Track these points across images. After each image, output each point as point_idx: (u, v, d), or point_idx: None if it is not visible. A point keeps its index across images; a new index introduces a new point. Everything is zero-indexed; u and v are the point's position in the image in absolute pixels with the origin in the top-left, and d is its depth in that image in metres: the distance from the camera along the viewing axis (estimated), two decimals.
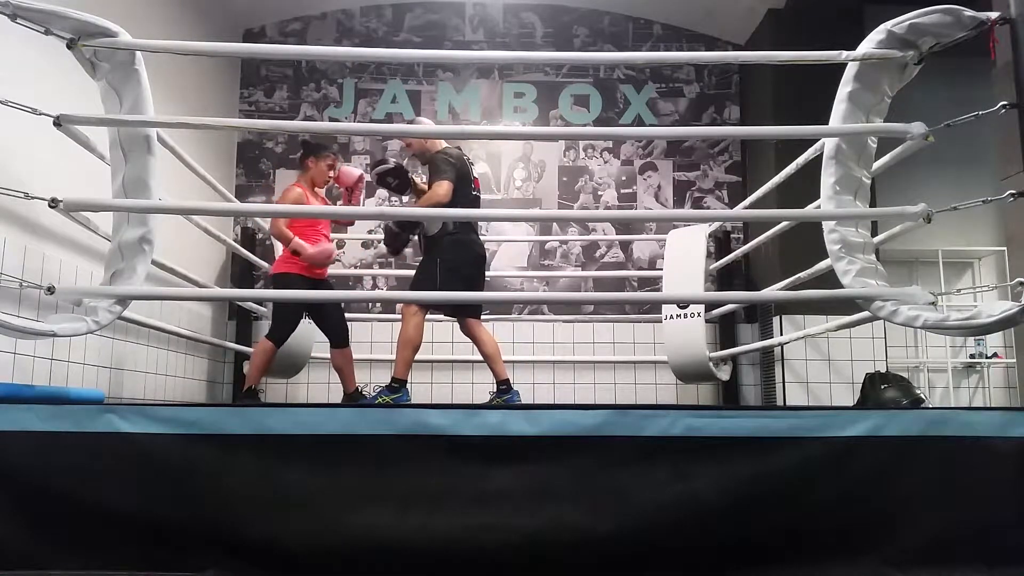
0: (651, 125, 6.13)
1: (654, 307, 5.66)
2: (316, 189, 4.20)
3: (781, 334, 5.02)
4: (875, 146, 2.78)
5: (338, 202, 4.96)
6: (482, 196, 4.25)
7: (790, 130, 3.47)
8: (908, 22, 2.55)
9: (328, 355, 4.29)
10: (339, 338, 4.20)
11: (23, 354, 3.23)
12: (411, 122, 5.04)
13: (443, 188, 3.71)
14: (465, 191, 3.84)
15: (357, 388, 4.25)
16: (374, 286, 5.90)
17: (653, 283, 5.81)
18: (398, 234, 3.90)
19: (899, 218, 2.84)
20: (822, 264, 3.24)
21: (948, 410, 2.24)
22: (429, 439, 2.15)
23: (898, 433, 2.17)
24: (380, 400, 3.68)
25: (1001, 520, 2.13)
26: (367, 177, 4.34)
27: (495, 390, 3.88)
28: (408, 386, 3.78)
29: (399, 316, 4.83)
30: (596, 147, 6.16)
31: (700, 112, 6.20)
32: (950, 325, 2.43)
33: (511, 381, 3.88)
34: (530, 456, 2.15)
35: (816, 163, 2.96)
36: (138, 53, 2.67)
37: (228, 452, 2.12)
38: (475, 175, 4.02)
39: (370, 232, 5.74)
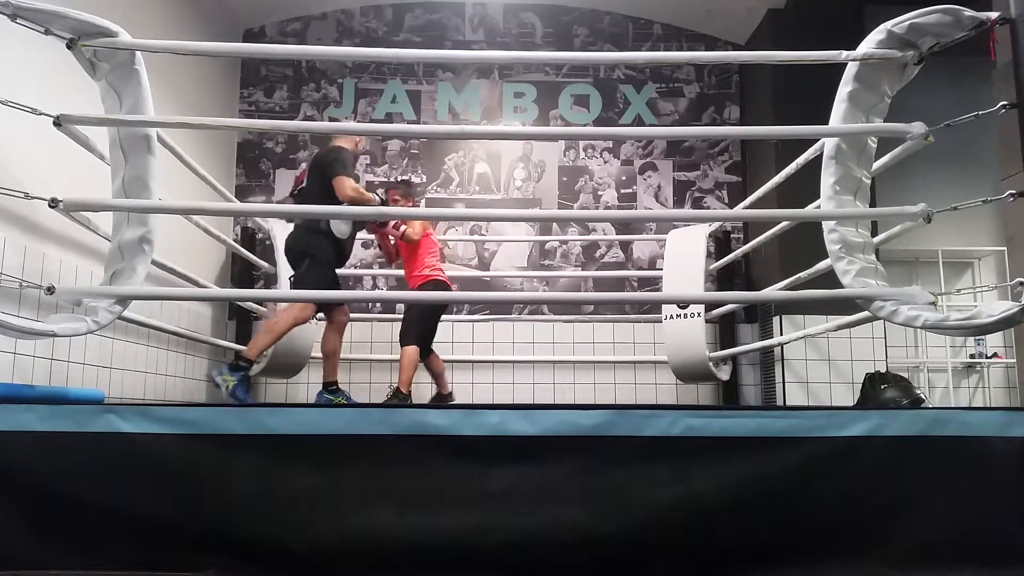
0: (651, 125, 6.13)
1: (654, 307, 5.66)
2: None
3: (781, 334, 5.01)
4: (875, 146, 2.78)
5: None
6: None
7: (790, 130, 3.45)
8: (908, 22, 2.55)
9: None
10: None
11: (23, 354, 3.23)
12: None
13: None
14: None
15: (449, 392, 4.62)
16: (374, 286, 5.91)
17: (653, 283, 5.81)
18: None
19: (899, 218, 2.84)
20: (822, 264, 3.23)
21: (948, 410, 2.24)
22: (429, 439, 2.14)
23: (898, 433, 2.16)
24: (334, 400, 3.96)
25: (1001, 520, 2.13)
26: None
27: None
28: (345, 386, 4.09)
29: (399, 316, 4.85)
30: (596, 147, 6.15)
31: (700, 112, 6.20)
32: (950, 325, 2.43)
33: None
34: (530, 456, 2.14)
35: (816, 163, 2.96)
36: (138, 53, 2.67)
37: (228, 452, 2.12)
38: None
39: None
